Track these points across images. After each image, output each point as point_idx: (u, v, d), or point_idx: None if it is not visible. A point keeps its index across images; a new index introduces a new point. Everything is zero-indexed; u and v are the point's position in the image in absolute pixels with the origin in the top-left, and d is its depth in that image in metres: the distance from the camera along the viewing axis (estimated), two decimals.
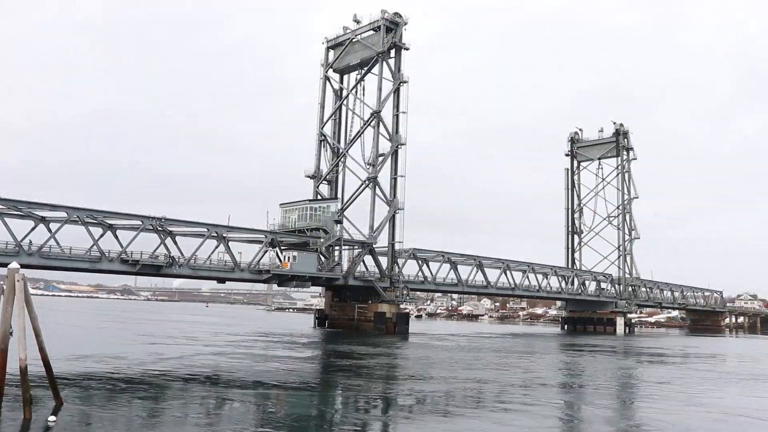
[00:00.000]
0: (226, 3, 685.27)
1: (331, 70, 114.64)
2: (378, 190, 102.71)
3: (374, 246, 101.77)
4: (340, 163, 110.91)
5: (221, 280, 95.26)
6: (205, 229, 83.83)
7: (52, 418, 22.08)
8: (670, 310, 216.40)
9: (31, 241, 72.44)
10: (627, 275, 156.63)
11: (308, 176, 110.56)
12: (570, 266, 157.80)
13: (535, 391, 36.31)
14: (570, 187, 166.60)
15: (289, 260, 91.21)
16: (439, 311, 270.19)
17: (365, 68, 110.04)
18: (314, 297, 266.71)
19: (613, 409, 32.21)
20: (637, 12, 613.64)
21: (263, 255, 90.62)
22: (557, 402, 33.16)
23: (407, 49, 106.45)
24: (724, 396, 37.70)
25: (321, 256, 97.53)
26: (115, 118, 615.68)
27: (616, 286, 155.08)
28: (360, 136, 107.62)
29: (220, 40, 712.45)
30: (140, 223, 78.44)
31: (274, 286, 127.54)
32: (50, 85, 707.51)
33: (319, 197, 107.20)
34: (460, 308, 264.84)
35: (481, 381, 40.23)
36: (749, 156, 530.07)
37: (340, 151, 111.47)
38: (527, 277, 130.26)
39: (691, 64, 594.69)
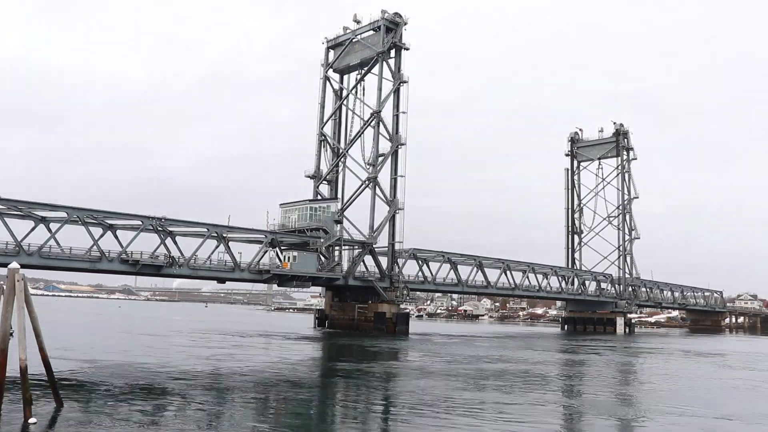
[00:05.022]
0: (226, 2, 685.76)
1: (331, 70, 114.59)
2: (378, 190, 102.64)
3: (374, 246, 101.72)
4: (340, 163, 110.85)
5: (221, 280, 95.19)
6: (205, 229, 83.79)
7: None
8: (670, 310, 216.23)
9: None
10: (627, 275, 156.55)
11: (308, 176, 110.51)
12: (570, 266, 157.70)
13: (534, 390, 36.30)
14: (570, 187, 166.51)
15: (289, 260, 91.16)
16: (439, 311, 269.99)
17: (365, 68, 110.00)
18: (314, 297, 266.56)
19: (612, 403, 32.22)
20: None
21: (263, 255, 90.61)
22: (557, 402, 33.16)
23: (407, 49, 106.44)
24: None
25: (321, 256, 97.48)
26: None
27: (616, 286, 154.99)
28: (360, 136, 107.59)
29: (220, 39, 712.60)
30: (140, 223, 78.40)
31: (274, 286, 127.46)
32: None
33: (319, 197, 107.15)
34: (460, 308, 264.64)
35: (480, 382, 40.22)
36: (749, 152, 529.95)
37: (340, 151, 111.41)
38: (527, 277, 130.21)
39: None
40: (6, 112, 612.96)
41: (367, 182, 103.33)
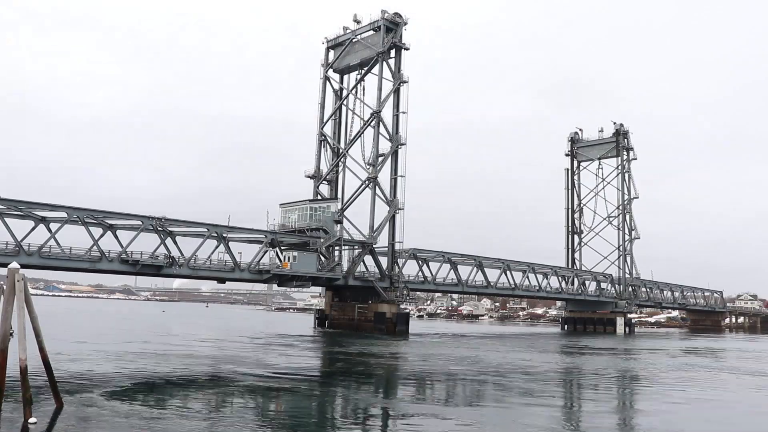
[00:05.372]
0: (226, 2, 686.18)
1: (331, 70, 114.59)
2: (378, 190, 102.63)
3: (374, 246, 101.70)
4: (340, 163, 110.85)
5: (221, 281, 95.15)
6: (205, 229, 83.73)
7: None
8: (670, 310, 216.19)
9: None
10: (627, 275, 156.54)
11: (308, 176, 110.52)
12: (570, 266, 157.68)
13: (534, 392, 36.30)
14: (570, 187, 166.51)
15: (289, 260, 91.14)
16: (439, 311, 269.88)
17: (365, 68, 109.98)
18: (314, 297, 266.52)
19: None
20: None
21: (263, 255, 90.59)
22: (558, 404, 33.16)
23: (407, 49, 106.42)
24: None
25: (321, 256, 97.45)
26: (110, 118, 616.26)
27: (616, 286, 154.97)
28: (360, 136, 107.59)
29: (221, 39, 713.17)
30: (140, 223, 78.35)
31: (274, 286, 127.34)
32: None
33: (319, 197, 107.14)
34: (460, 308, 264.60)
35: (481, 381, 40.22)
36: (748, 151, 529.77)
37: (340, 151, 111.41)
38: (527, 277, 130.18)
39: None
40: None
41: (367, 182, 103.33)
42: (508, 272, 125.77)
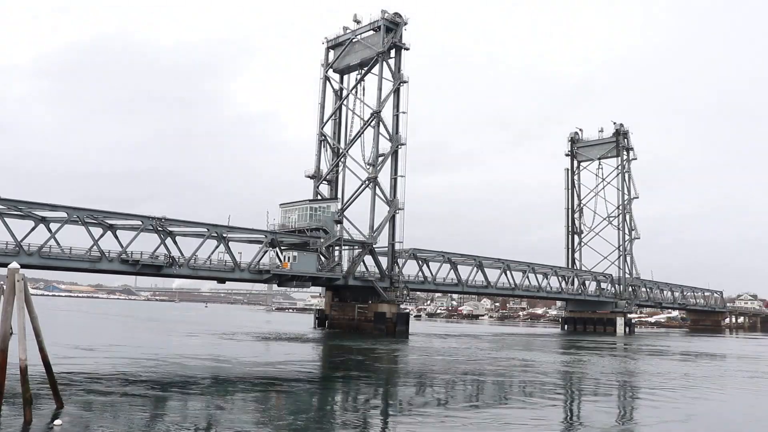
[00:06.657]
0: (226, 2, 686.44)
1: (331, 70, 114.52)
2: (378, 190, 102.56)
3: (374, 246, 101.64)
4: (340, 163, 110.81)
5: (221, 281, 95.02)
6: (205, 229, 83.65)
7: (58, 422, 21.88)
8: (670, 310, 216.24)
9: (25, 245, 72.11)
10: (627, 275, 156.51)
11: (308, 176, 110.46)
12: (570, 266, 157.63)
13: (535, 394, 36.29)
14: (570, 187, 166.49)
15: (289, 260, 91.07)
16: (439, 311, 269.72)
17: (365, 68, 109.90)
18: (314, 297, 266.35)
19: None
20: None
21: (263, 255, 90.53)
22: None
23: (407, 49, 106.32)
24: None
25: (321, 256, 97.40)
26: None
27: (616, 286, 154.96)
28: (360, 136, 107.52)
29: (221, 38, 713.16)
30: (140, 223, 78.29)
31: (274, 286, 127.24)
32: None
33: (319, 197, 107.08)
34: (460, 308, 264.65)
35: (480, 384, 40.19)
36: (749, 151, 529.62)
37: (340, 151, 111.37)
38: (527, 277, 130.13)
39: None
40: None
41: (367, 182, 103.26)
42: (508, 272, 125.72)
